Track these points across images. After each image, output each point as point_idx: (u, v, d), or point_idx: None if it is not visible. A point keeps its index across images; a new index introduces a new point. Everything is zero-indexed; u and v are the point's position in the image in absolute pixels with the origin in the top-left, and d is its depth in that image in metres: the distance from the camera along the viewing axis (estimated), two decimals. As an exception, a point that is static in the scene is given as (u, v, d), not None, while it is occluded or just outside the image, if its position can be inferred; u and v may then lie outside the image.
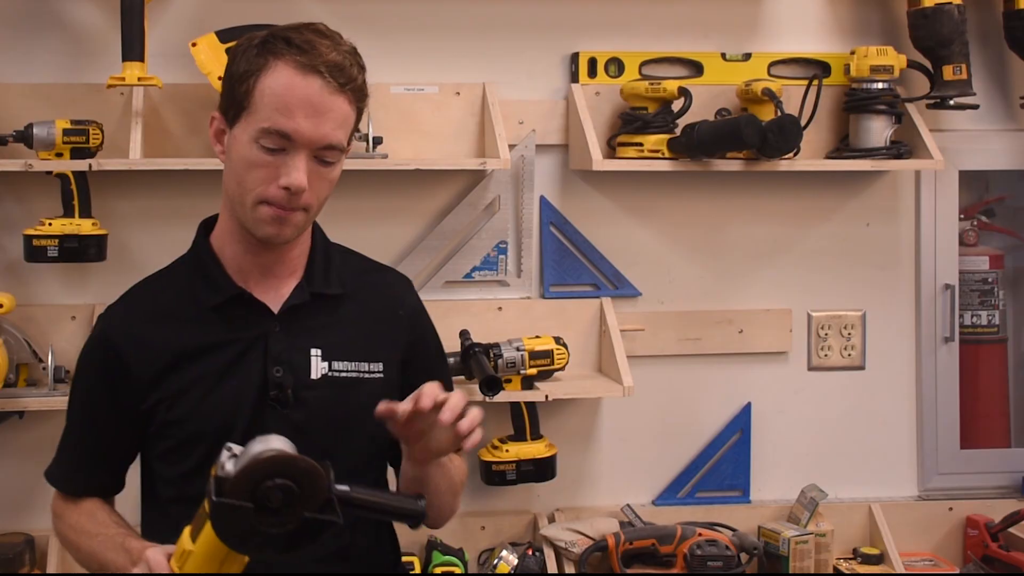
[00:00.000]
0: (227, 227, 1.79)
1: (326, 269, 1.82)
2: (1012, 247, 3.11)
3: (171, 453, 1.77)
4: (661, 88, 2.65)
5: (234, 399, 1.73)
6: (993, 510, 2.87)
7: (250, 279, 1.77)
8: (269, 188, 1.67)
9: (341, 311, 1.81)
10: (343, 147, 1.72)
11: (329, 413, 1.76)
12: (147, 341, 1.76)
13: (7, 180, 2.54)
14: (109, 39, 2.52)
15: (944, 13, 2.73)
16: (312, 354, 1.76)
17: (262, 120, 1.66)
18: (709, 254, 2.85)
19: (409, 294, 1.93)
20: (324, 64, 1.67)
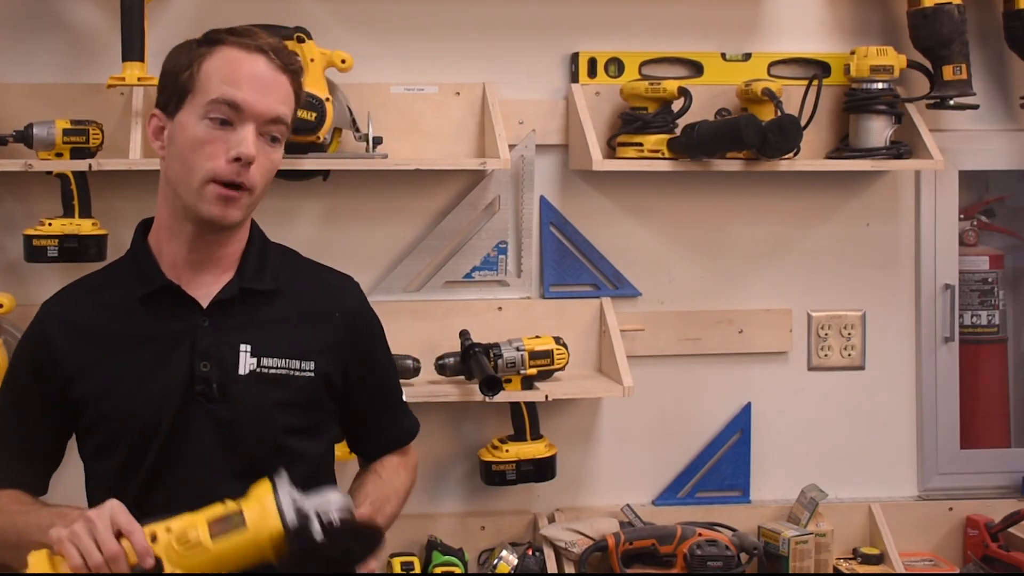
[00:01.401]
0: (164, 223, 1.80)
1: (260, 266, 1.83)
2: (1012, 247, 3.11)
3: (101, 449, 1.78)
4: (661, 88, 2.65)
5: (160, 394, 1.74)
6: (993, 510, 2.87)
7: (183, 274, 1.78)
8: (218, 163, 1.69)
9: (273, 307, 1.82)
10: (288, 124, 1.75)
11: (256, 409, 1.76)
12: (77, 331, 1.79)
13: (7, 180, 2.54)
14: (109, 39, 2.52)
15: (944, 13, 2.73)
16: (241, 349, 1.76)
17: (210, 93, 1.69)
18: (709, 254, 2.85)
19: (350, 295, 1.93)
20: (266, 45, 1.74)
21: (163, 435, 1.74)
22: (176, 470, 1.74)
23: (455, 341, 2.62)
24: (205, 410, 1.74)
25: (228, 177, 1.69)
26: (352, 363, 1.87)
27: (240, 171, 1.69)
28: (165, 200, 1.79)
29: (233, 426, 1.74)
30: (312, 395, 1.82)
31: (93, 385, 1.77)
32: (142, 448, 1.74)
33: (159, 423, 1.73)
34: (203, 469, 1.74)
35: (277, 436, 1.78)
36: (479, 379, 2.47)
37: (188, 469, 1.74)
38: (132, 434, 1.74)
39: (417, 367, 2.59)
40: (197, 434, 1.74)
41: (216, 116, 1.69)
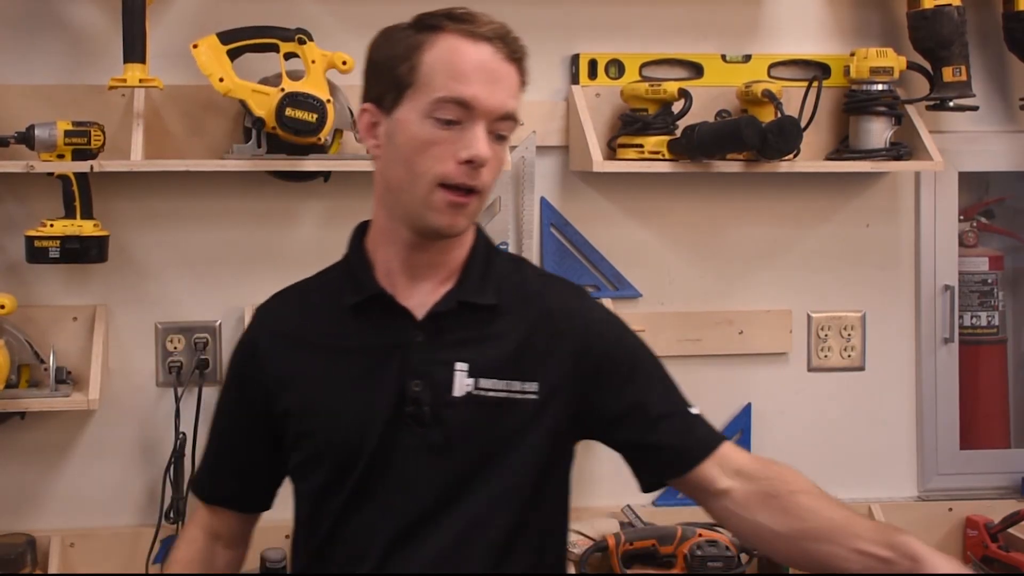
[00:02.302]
0: (381, 227, 1.66)
1: (483, 276, 1.66)
2: (1012, 248, 3.12)
3: (304, 467, 1.66)
4: (661, 90, 2.65)
5: (366, 414, 1.60)
6: (993, 511, 2.87)
7: (397, 281, 1.63)
8: (447, 166, 1.53)
9: (495, 323, 1.63)
10: (517, 119, 1.60)
11: (472, 436, 1.59)
12: (284, 339, 1.68)
13: (8, 181, 2.54)
14: (110, 40, 2.52)
15: (944, 15, 2.73)
16: (457, 368, 1.59)
17: (436, 90, 1.53)
18: (709, 255, 2.86)
19: (578, 307, 1.71)
20: (491, 31, 1.56)
21: (366, 458, 1.59)
22: (378, 496, 1.61)
23: (456, 342, 2.62)
24: (414, 434, 1.59)
25: (459, 180, 1.53)
26: (597, 382, 1.66)
27: (471, 174, 1.54)
28: (382, 203, 1.64)
29: (445, 453, 1.58)
30: (537, 420, 1.62)
31: (297, 398, 1.65)
32: (344, 470, 1.61)
33: (362, 445, 1.59)
34: (407, 498, 1.59)
35: (494, 466, 1.60)
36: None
37: (391, 496, 1.60)
38: (334, 454, 1.62)
39: (418, 368, 2.59)
40: (404, 459, 1.59)
41: (445, 117, 1.53)
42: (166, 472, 2.58)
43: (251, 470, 1.76)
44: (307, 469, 1.66)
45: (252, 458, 1.75)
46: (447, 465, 1.59)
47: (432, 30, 1.57)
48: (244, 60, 2.49)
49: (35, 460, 2.63)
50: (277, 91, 2.45)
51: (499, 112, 1.55)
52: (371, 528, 1.60)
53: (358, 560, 1.61)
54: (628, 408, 1.68)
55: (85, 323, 2.59)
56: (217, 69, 2.45)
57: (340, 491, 1.62)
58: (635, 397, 1.68)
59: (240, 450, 1.76)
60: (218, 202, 2.65)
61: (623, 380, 1.68)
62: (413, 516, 1.59)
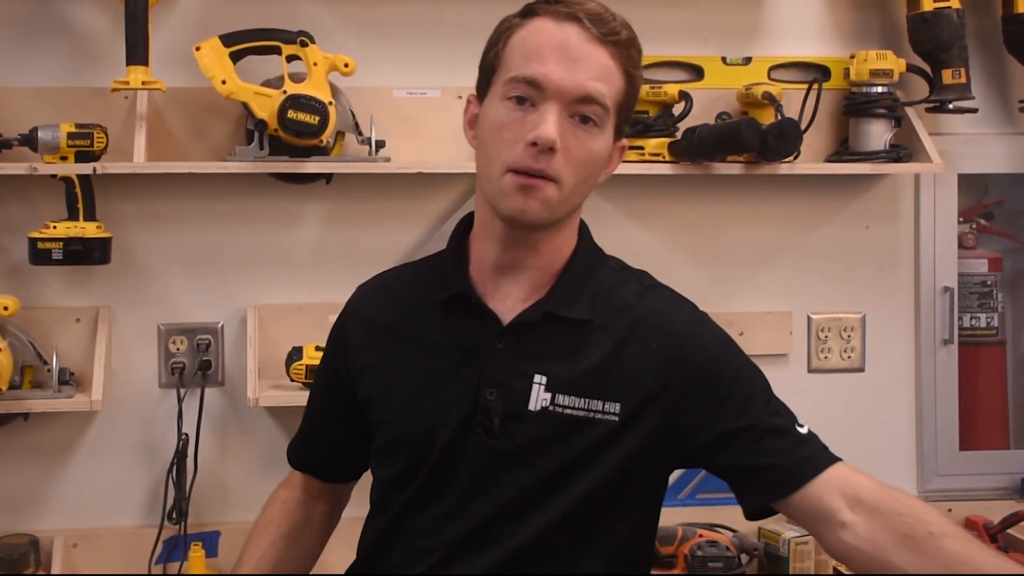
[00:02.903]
0: (479, 220, 1.60)
1: (579, 288, 1.59)
2: (1011, 250, 3.12)
3: (379, 453, 1.67)
4: (662, 92, 2.66)
5: (438, 413, 1.57)
6: (992, 511, 2.88)
7: (489, 283, 1.58)
8: (516, 149, 1.47)
9: (583, 339, 1.56)
10: (605, 104, 1.49)
11: (542, 452, 1.54)
12: (373, 325, 1.67)
13: (12, 183, 2.55)
14: (113, 43, 2.53)
15: (943, 17, 2.74)
16: (535, 381, 1.53)
17: (511, 71, 1.50)
18: (709, 257, 2.86)
19: (673, 321, 1.61)
20: (582, 11, 1.50)
21: (435, 457, 1.57)
22: (443, 499, 1.57)
23: (457, 343, 2.63)
24: (482, 443, 1.55)
25: (524, 163, 1.46)
26: (692, 403, 1.56)
27: (538, 157, 1.46)
28: (479, 195, 1.59)
29: (513, 466, 1.53)
30: (615, 443, 1.54)
31: (379, 386, 1.64)
32: (415, 464, 1.59)
33: (433, 443, 1.56)
34: (470, 505, 1.56)
35: (563, 486, 1.54)
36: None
37: (455, 501, 1.57)
38: (407, 446, 1.60)
39: (420, 369, 2.60)
40: (469, 467, 1.56)
41: (515, 95, 1.48)
42: (168, 473, 2.59)
43: (337, 444, 1.80)
44: (383, 456, 1.66)
45: (338, 434, 1.78)
46: (513, 479, 1.54)
47: (527, 15, 1.54)
48: (246, 62, 2.50)
49: (38, 461, 2.63)
50: (279, 93, 2.46)
51: (576, 93, 1.48)
52: (432, 528, 1.59)
53: (417, 557, 1.60)
54: (727, 428, 1.57)
55: (88, 324, 2.59)
56: (219, 71, 2.45)
57: (409, 484, 1.60)
58: (735, 416, 1.58)
59: (328, 425, 1.80)
60: (220, 204, 2.65)
61: (722, 398, 1.58)
62: (474, 525, 1.56)
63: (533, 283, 1.58)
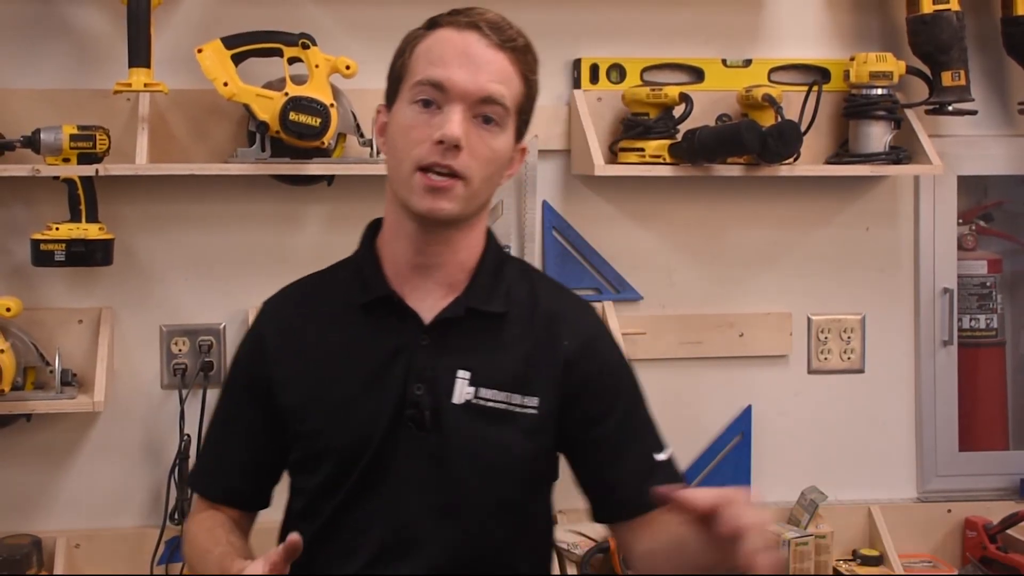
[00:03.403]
0: (390, 223, 1.67)
1: (493, 283, 1.66)
2: (1010, 251, 3.13)
3: (303, 463, 1.67)
4: (662, 94, 2.66)
5: (369, 414, 1.61)
6: (991, 512, 2.89)
7: (407, 284, 1.64)
8: (423, 148, 1.54)
9: (501, 332, 1.64)
10: (505, 105, 1.58)
11: (468, 444, 1.60)
12: (291, 334, 1.69)
13: (14, 185, 2.55)
14: (115, 45, 2.54)
15: (943, 19, 2.75)
16: (459, 376, 1.60)
17: (416, 76, 1.57)
18: (710, 258, 2.87)
19: (582, 324, 1.71)
20: (482, 21, 1.60)
21: (367, 458, 1.60)
22: (374, 499, 1.62)
23: (458, 344, 2.63)
24: (413, 438, 1.60)
25: (432, 160, 1.54)
26: (578, 402, 1.66)
27: (445, 154, 1.53)
28: (389, 198, 1.65)
29: (442, 460, 1.59)
30: (533, 435, 1.63)
31: (302, 394, 1.66)
32: (343, 469, 1.62)
33: (364, 445, 1.60)
34: (403, 502, 1.61)
35: (489, 476, 1.61)
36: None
37: (387, 499, 1.61)
38: (336, 452, 1.62)
39: (421, 370, 2.60)
40: (401, 464, 1.61)
41: (421, 98, 1.56)
42: (171, 473, 2.60)
43: (255, 466, 1.74)
44: (308, 465, 1.66)
45: (256, 454, 1.73)
46: (444, 471, 1.60)
47: (431, 27, 1.63)
48: (248, 65, 2.51)
49: (41, 462, 2.64)
50: (281, 95, 2.47)
51: (478, 94, 1.56)
52: (365, 528, 1.62)
53: (348, 558, 1.63)
54: (600, 436, 1.67)
55: (90, 326, 2.60)
56: (221, 73, 2.46)
57: (339, 488, 1.62)
58: (609, 427, 1.68)
59: (244, 445, 1.73)
60: (222, 206, 2.66)
61: (603, 407, 1.68)
62: (408, 519, 1.61)
63: (449, 280, 1.64)
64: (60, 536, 2.60)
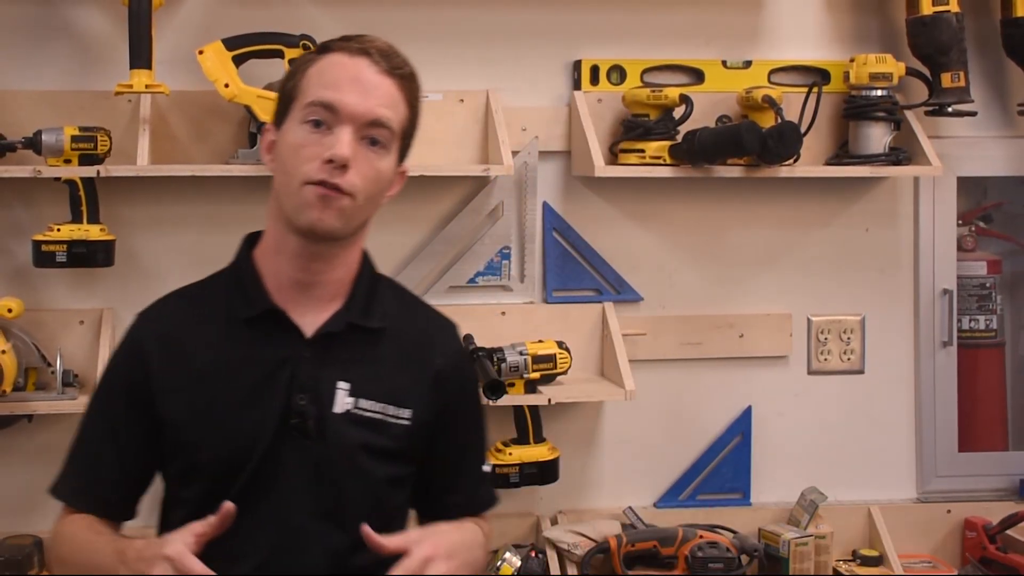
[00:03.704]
0: (272, 238, 1.71)
1: (369, 300, 1.73)
2: (1009, 252, 3.14)
3: (186, 474, 1.68)
4: (662, 95, 2.67)
5: (254, 424, 1.65)
6: (991, 512, 2.90)
7: (288, 298, 1.69)
8: (313, 165, 1.60)
9: (377, 347, 1.72)
10: (392, 128, 1.65)
11: (348, 452, 1.67)
12: (173, 346, 1.69)
13: (16, 186, 2.56)
14: (117, 47, 2.55)
15: (943, 21, 2.75)
16: (339, 387, 1.67)
17: (308, 97, 1.63)
18: (710, 259, 2.88)
19: (449, 343, 1.82)
20: (373, 48, 1.67)
21: (252, 467, 1.65)
22: (261, 505, 1.65)
23: (459, 345, 2.64)
24: (298, 446, 1.65)
25: (321, 177, 1.60)
26: (442, 417, 1.76)
27: (333, 173, 1.60)
28: (273, 214, 1.69)
29: (324, 466, 1.66)
30: (406, 444, 1.71)
31: (185, 406, 1.67)
32: (229, 478, 1.65)
33: (250, 454, 1.64)
34: (288, 508, 1.66)
35: (368, 481, 1.69)
36: (483, 383, 2.49)
37: (273, 505, 1.65)
38: (220, 462, 1.65)
39: (421, 371, 2.61)
40: (287, 470, 1.65)
41: (312, 118, 1.62)
42: (172, 474, 2.60)
43: (127, 476, 1.73)
44: (189, 476, 1.67)
45: (129, 463, 1.72)
46: (327, 477, 1.66)
47: (323, 51, 1.70)
48: (249, 66, 2.52)
49: (42, 462, 2.57)
50: (282, 97, 2.47)
51: (366, 117, 1.63)
52: (253, 534, 1.64)
53: (235, 564, 1.64)
54: (452, 446, 1.79)
55: (91, 326, 2.61)
56: (222, 75, 2.47)
57: (226, 496, 1.61)
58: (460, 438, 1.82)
59: (118, 455, 1.72)
60: (223, 207, 2.66)
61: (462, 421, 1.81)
62: (295, 525, 1.66)
63: (329, 296, 1.70)
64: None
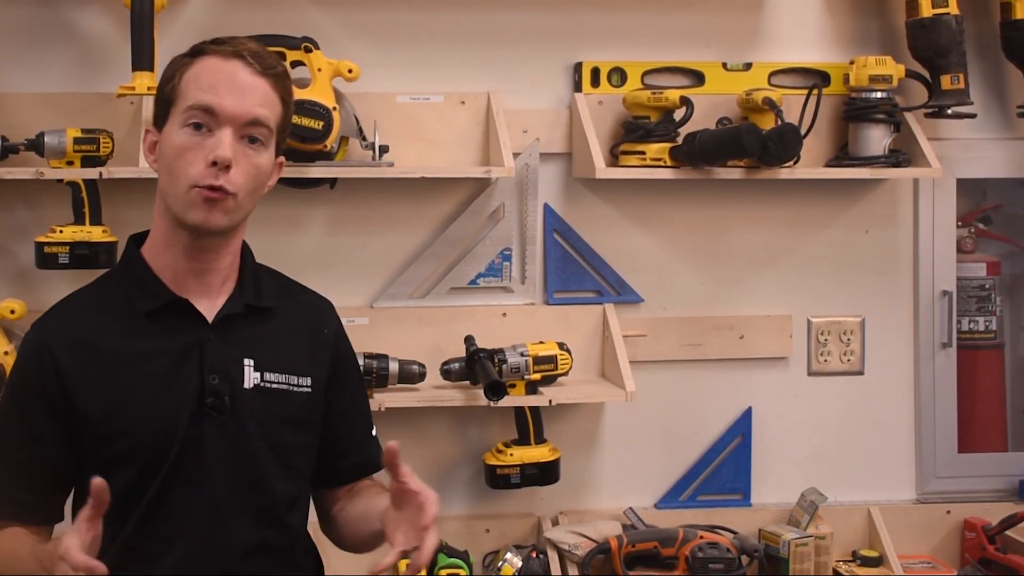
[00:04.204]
0: (160, 235, 1.79)
1: (256, 283, 1.85)
2: (1009, 254, 3.15)
3: (107, 468, 1.66)
4: (663, 97, 2.68)
5: (172, 408, 1.73)
6: (990, 513, 2.90)
7: (184, 287, 1.78)
8: (198, 168, 1.68)
9: (270, 324, 1.83)
10: (269, 126, 1.73)
11: (262, 424, 1.77)
12: (81, 347, 1.75)
13: (19, 188, 2.57)
14: (119, 49, 2.55)
15: (942, 23, 2.76)
16: (245, 363, 1.77)
17: (187, 101, 1.70)
18: (710, 261, 2.88)
19: (332, 316, 1.96)
20: (245, 50, 1.75)
21: (175, 452, 1.72)
22: (187, 485, 1.73)
23: (460, 347, 2.64)
24: (215, 423, 1.74)
25: (207, 181, 1.68)
26: (333, 382, 1.89)
27: (218, 174, 1.68)
28: (160, 212, 1.78)
29: (241, 439, 1.75)
30: (310, 411, 1.85)
31: (101, 402, 1.73)
32: (153, 464, 1.72)
33: (172, 438, 1.72)
34: (214, 483, 1.74)
35: (281, 450, 1.80)
36: (484, 384, 2.50)
37: (199, 483, 1.74)
38: (145, 449, 1.72)
39: (423, 372, 2.62)
40: (208, 448, 1.74)
41: (193, 121, 1.70)
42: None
43: (48, 482, 1.77)
44: (112, 469, 1.68)
45: (51, 469, 1.76)
46: (245, 451, 1.76)
47: (197, 54, 1.76)
48: (251, 68, 2.52)
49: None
50: (284, 99, 2.48)
51: (245, 118, 1.71)
52: (182, 515, 1.73)
53: (170, 545, 1.73)
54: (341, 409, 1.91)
55: (94, 328, 2.61)
56: (225, 77, 2.47)
57: (150, 485, 1.72)
58: (347, 402, 1.93)
59: (36, 463, 1.75)
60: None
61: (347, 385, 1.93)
62: (220, 501, 1.74)
63: (219, 282, 1.80)
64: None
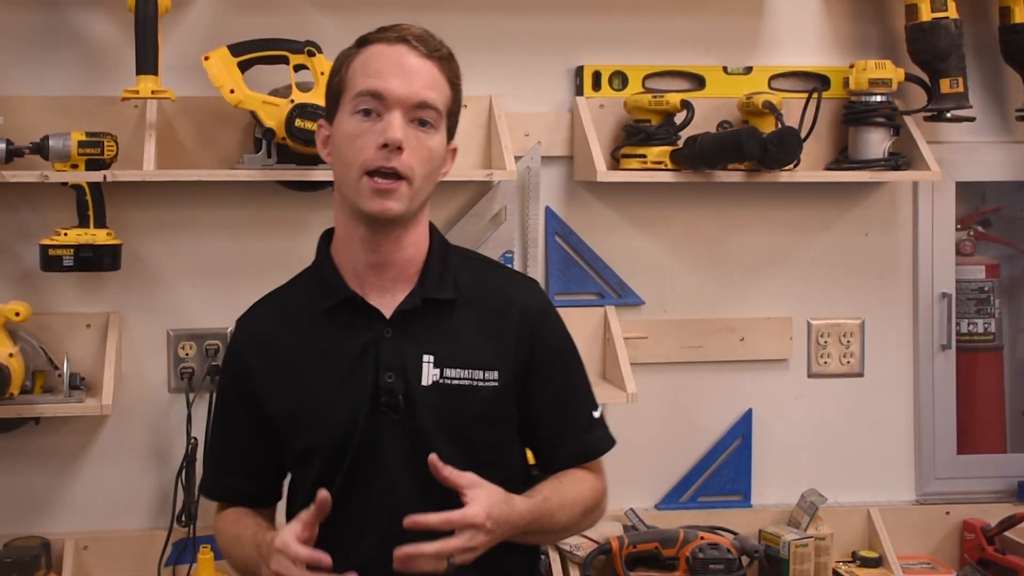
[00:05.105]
0: (341, 229, 1.80)
1: (442, 273, 1.80)
2: (1008, 256, 3.16)
3: (298, 461, 1.82)
4: (664, 101, 2.69)
5: (349, 408, 1.75)
6: (989, 514, 2.91)
7: (365, 283, 1.78)
8: (368, 152, 1.69)
9: (455, 317, 1.79)
10: (438, 108, 1.73)
11: (442, 421, 1.74)
12: (267, 346, 1.82)
13: (23, 191, 2.58)
14: (123, 53, 2.56)
15: (941, 27, 2.77)
16: (424, 360, 1.75)
17: (355, 89, 1.72)
18: (711, 263, 2.89)
19: (529, 296, 1.87)
20: (410, 35, 1.75)
21: (354, 449, 1.74)
22: (368, 482, 1.75)
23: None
24: (392, 422, 1.74)
25: (378, 164, 1.68)
26: (529, 367, 1.82)
27: (389, 156, 1.68)
28: (338, 206, 1.79)
29: (419, 438, 1.73)
30: (499, 405, 1.79)
31: (285, 401, 1.79)
32: (335, 462, 1.76)
33: (350, 437, 1.74)
34: (393, 481, 1.75)
35: (468, 446, 1.76)
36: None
37: (379, 481, 1.75)
38: (324, 449, 1.76)
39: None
40: (386, 446, 1.75)
41: (362, 108, 1.70)
42: (178, 476, 2.62)
43: (257, 466, 1.89)
44: (300, 464, 1.81)
45: (256, 455, 1.87)
46: (424, 449, 1.71)
47: (362, 44, 1.78)
48: (254, 72, 2.53)
49: (49, 465, 2.66)
50: (287, 102, 2.49)
51: (413, 100, 1.71)
52: (364, 512, 1.75)
53: (356, 540, 1.75)
54: (548, 399, 1.84)
55: (98, 330, 2.63)
56: (228, 81, 2.48)
57: (333, 481, 1.74)
58: (555, 390, 1.85)
59: (247, 452, 1.88)
60: (229, 211, 2.69)
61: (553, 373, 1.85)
62: (402, 498, 1.73)
63: (402, 275, 1.79)
64: (68, 538, 2.63)
